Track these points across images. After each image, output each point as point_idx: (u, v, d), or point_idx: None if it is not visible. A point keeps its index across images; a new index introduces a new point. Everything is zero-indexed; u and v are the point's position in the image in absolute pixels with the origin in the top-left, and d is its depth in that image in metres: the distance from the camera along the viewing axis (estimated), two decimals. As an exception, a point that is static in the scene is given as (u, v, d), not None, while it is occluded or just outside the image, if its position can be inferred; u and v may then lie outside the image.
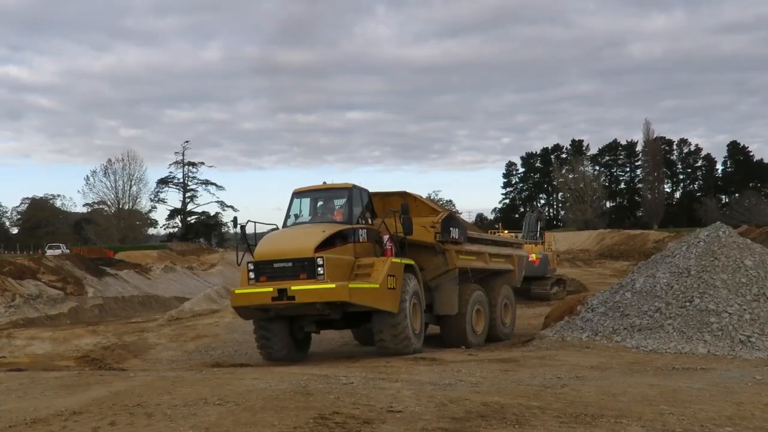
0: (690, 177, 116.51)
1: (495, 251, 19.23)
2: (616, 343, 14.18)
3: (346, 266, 14.28)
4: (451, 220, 16.85)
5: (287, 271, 13.89)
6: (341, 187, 15.79)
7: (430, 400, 8.05)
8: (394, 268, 14.50)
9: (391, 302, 14.22)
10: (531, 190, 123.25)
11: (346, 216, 15.11)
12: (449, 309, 16.78)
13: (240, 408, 7.46)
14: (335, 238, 14.29)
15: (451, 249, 16.60)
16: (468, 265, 17.30)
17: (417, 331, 15.01)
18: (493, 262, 18.89)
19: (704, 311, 14.07)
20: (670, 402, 8.28)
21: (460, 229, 17.14)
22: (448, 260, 16.61)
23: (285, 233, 15.28)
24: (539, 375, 10.52)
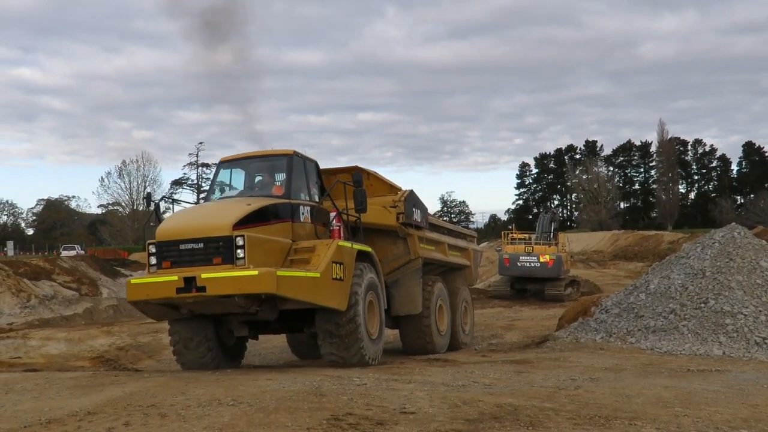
0: (705, 177, 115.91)
1: (452, 242, 16.92)
2: (630, 345, 14.13)
3: (278, 250, 11.32)
4: (414, 199, 14.34)
5: (197, 255, 10.67)
6: (278, 155, 12.76)
7: (444, 402, 8.04)
8: (342, 254, 11.57)
9: (336, 297, 11.29)
10: (544, 191, 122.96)
11: (285, 190, 12.22)
12: (412, 307, 14.33)
13: (253, 409, 7.47)
14: (265, 213, 11.44)
15: (414, 235, 14.21)
16: (429, 255, 15.05)
17: (374, 336, 12.34)
18: (451, 255, 16.63)
19: (719, 313, 14.00)
20: (685, 404, 8.24)
21: (422, 211, 14.80)
22: (410, 248, 14.19)
23: (199, 208, 12.73)
24: (553, 376, 10.49)
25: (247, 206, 11.23)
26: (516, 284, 35.85)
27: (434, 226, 15.76)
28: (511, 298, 35.38)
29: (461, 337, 16.59)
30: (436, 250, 15.54)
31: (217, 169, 13.22)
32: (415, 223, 14.17)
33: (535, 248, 35.25)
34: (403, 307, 14.22)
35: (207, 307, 11.22)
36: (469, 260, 17.83)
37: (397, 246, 14.15)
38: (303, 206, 12.28)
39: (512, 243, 36.81)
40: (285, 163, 12.50)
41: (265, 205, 11.55)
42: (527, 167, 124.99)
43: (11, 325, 25.18)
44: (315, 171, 13.25)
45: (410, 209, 13.89)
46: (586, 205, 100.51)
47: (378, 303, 12.72)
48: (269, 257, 10.96)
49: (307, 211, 12.31)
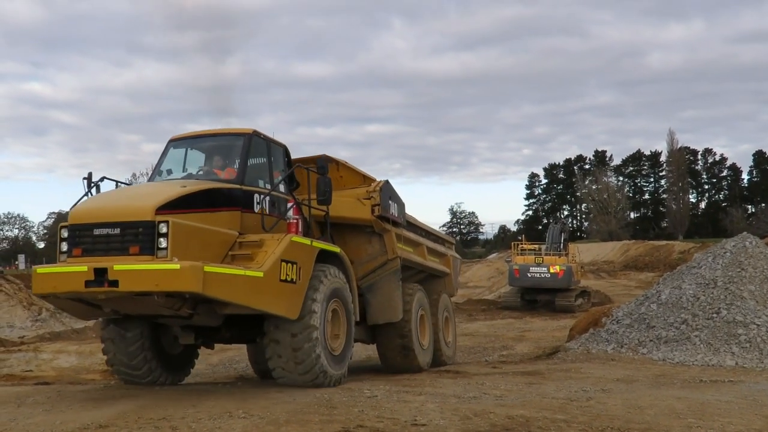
0: (715, 187, 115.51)
1: (431, 245, 15.24)
2: (642, 356, 14.07)
3: (218, 243, 9.51)
4: (390, 190, 12.66)
5: (113, 242, 8.87)
6: (235, 134, 10.94)
7: (455, 413, 8.02)
8: (296, 252, 9.71)
9: (284, 302, 9.42)
10: (554, 201, 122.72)
11: (237, 174, 10.41)
12: (391, 314, 12.59)
13: (264, 421, 7.47)
14: (204, 198, 9.70)
15: (391, 231, 12.52)
16: (408, 257, 13.37)
17: (337, 352, 10.43)
18: (430, 260, 14.94)
19: (732, 323, 13.94)
20: (698, 415, 8.19)
21: (400, 206, 13.07)
22: (387, 247, 12.48)
23: (126, 189, 10.76)
24: (564, 388, 10.45)
25: (181, 188, 9.47)
26: (526, 295, 35.79)
27: (412, 226, 14.14)
28: (522, 309, 35.31)
29: (444, 350, 14.89)
30: (415, 253, 13.95)
31: (166, 148, 11.25)
32: (393, 218, 12.55)
33: (545, 259, 35.22)
34: (381, 314, 12.52)
35: (129, 306, 9.43)
36: (449, 267, 16.20)
37: (373, 244, 12.49)
38: (260, 195, 10.40)
39: (522, 254, 36.78)
40: (240, 143, 10.68)
41: (205, 188, 9.80)
42: (536, 178, 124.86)
43: (23, 338, 25.25)
44: (282, 157, 11.42)
45: (386, 202, 12.28)
46: (596, 215, 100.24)
47: (345, 313, 10.81)
48: (204, 250, 9.11)
49: (264, 200, 10.40)
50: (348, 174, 12.97)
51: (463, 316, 34.79)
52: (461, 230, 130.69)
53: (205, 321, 9.97)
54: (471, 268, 69.83)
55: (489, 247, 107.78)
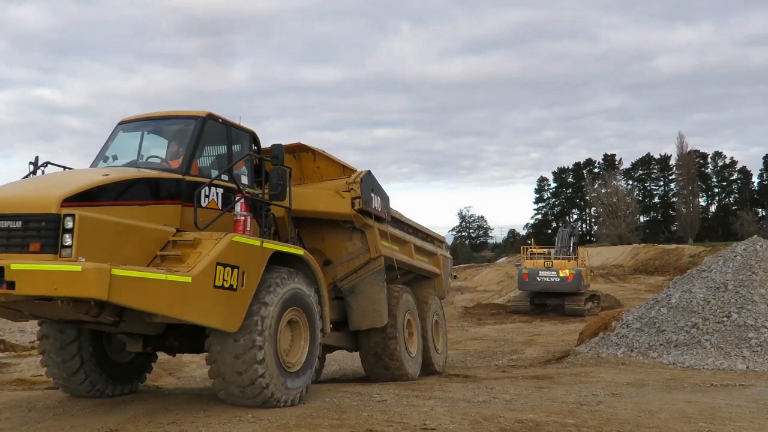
0: (725, 190, 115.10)
1: (419, 244, 14.09)
2: (652, 360, 14.02)
3: (144, 241, 8.10)
4: (372, 182, 11.44)
5: (13, 237, 7.58)
6: (187, 116, 9.64)
7: (464, 418, 8.00)
8: (238, 253, 8.29)
9: (219, 312, 8.03)
10: (563, 205, 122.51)
11: (182, 162, 9.03)
12: (375, 319, 11.56)
13: (274, 425, 7.47)
14: (130, 189, 8.33)
15: (374, 227, 11.40)
16: (393, 255, 12.23)
17: (293, 368, 8.99)
18: (418, 259, 13.87)
19: (742, 327, 13.88)
20: (708, 420, 8.16)
21: (384, 200, 11.87)
22: (370, 244, 11.37)
23: (37, 177, 9.17)
24: (574, 392, 10.42)
25: (102, 177, 8.18)
26: (536, 299, 35.77)
27: (398, 222, 12.97)
28: (531, 313, 35.28)
29: (434, 357, 13.81)
30: (401, 251, 12.85)
31: (113, 132, 9.97)
32: (376, 212, 11.40)
33: (554, 263, 35.17)
34: (363, 319, 11.51)
35: (42, 310, 8.26)
36: (439, 267, 15.11)
37: (354, 242, 11.41)
38: (211, 187, 9.09)
39: (531, 258, 36.74)
40: (191, 127, 9.39)
41: (132, 178, 8.43)
42: (545, 181, 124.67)
43: (33, 343, 25.33)
44: (248, 145, 10.00)
45: (368, 194, 11.10)
46: (606, 219, 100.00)
47: (308, 324, 9.34)
48: (125, 250, 7.83)
49: (217, 194, 9.14)
50: (325, 164, 11.72)
51: (472, 320, 34.77)
52: (470, 234, 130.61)
53: (136, 329, 8.78)
54: (480, 272, 69.74)
55: (498, 251, 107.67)
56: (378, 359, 12.07)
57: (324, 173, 11.73)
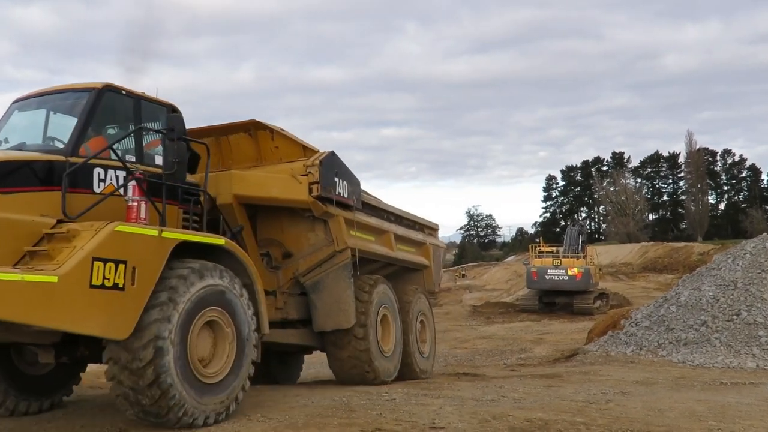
0: (734, 188, 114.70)
1: (402, 233, 12.69)
2: (661, 358, 13.98)
3: (13, 235, 7.00)
4: (336, 164, 10.23)
5: None
6: (82, 89, 8.33)
7: (473, 417, 8.00)
8: (124, 246, 7.02)
9: (100, 318, 6.77)
10: (572, 203, 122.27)
11: (69, 141, 7.81)
12: (341, 319, 10.44)
13: (283, 424, 7.48)
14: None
15: (338, 216, 10.18)
16: (366, 248, 11.01)
17: (212, 380, 7.61)
18: (400, 250, 12.51)
19: (752, 324, 13.83)
20: (718, 418, 8.13)
21: (352, 184, 10.61)
22: (333, 235, 10.22)
23: None
24: (583, 390, 10.40)
25: None
26: (544, 297, 35.74)
27: (373, 209, 11.74)
28: (540, 311, 35.27)
29: (416, 360, 12.50)
30: (377, 242, 11.62)
31: (7, 111, 8.89)
32: (339, 198, 10.12)
33: (563, 261, 35.14)
34: (327, 319, 10.41)
35: None
36: (428, 258, 13.67)
37: (316, 232, 10.25)
38: (107, 169, 7.88)
39: (540, 256, 36.72)
40: (84, 101, 8.15)
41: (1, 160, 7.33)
42: (554, 180, 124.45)
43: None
44: (162, 121, 8.52)
45: (330, 178, 9.87)
46: (614, 217, 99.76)
47: (233, 326, 7.92)
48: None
49: (116, 177, 7.93)
50: (285, 144, 10.49)
51: (481, 319, 34.77)
52: (479, 233, 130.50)
53: (21, 338, 7.57)
54: (489, 270, 69.66)
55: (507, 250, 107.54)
56: (345, 361, 10.87)
57: (283, 154, 10.45)
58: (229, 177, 9.70)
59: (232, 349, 7.95)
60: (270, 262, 10.29)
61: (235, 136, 10.58)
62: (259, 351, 8.44)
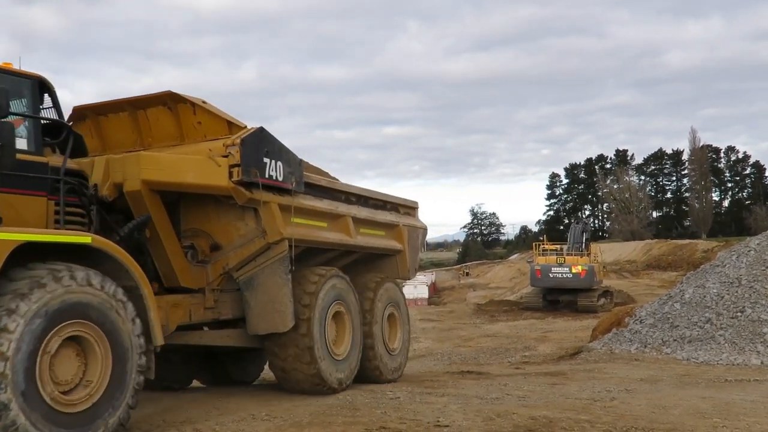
0: (738, 185, 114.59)
1: (366, 215, 11.13)
2: (666, 355, 13.97)
3: None
4: (266, 142, 8.76)
5: None
6: None
7: (477, 415, 8.00)
8: None
9: None
10: (575, 201, 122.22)
11: None
12: (276, 321, 8.97)
13: (287, 423, 7.49)
14: None
15: (271, 202, 8.76)
16: (312, 236, 9.66)
17: (73, 408, 6.28)
18: (362, 235, 10.98)
19: (756, 321, 13.81)
20: (723, 415, 8.12)
21: (289, 164, 9.07)
22: (266, 224, 8.79)
23: None
24: (588, 388, 10.40)
25: None
26: (548, 295, 35.74)
27: (325, 190, 10.26)
28: (544, 309, 35.26)
29: (382, 360, 11.05)
30: (331, 228, 10.19)
31: None
32: (270, 182, 8.70)
33: (567, 259, 35.15)
34: (261, 321, 9.02)
35: None
36: (401, 242, 12.05)
37: (246, 222, 8.91)
38: None
39: (544, 254, 36.72)
40: None
41: None
42: (557, 178, 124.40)
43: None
44: (31, 96, 7.35)
45: (256, 159, 8.47)
46: (618, 214, 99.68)
47: (106, 343, 6.61)
48: None
49: None
50: (208, 120, 9.06)
51: (485, 317, 34.77)
52: (482, 231, 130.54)
53: None
54: (492, 268, 69.69)
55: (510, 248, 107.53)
56: (285, 364, 9.48)
57: (207, 131, 9.03)
58: (136, 160, 8.10)
59: (105, 369, 6.60)
60: (195, 256, 8.90)
61: (153, 110, 9.16)
62: (152, 367, 7.24)
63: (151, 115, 9.17)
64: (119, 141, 9.19)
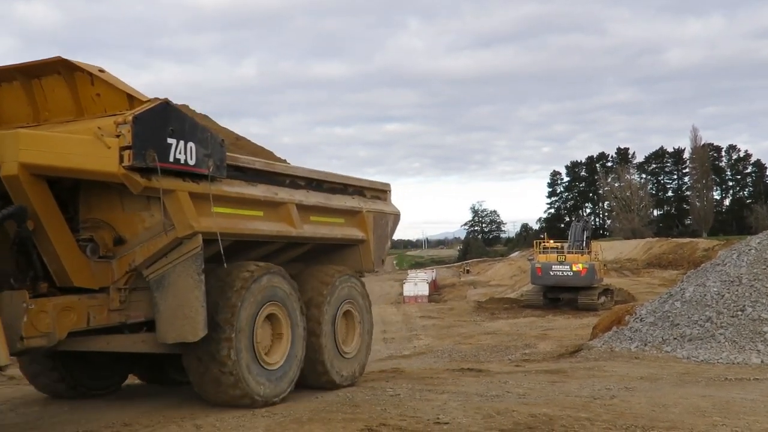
0: (739, 183, 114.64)
1: (317, 201, 9.55)
2: (666, 354, 13.96)
3: None
4: (171, 119, 7.28)
5: None
6: None
7: (477, 412, 8.00)
8: None
9: None
10: (576, 199, 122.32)
11: None
12: (184, 330, 7.48)
13: (288, 419, 7.49)
14: None
15: (178, 191, 7.36)
16: (238, 228, 8.20)
17: None
18: (312, 224, 9.46)
19: (757, 320, 13.81)
20: (723, 413, 8.12)
21: (205, 145, 7.61)
22: (173, 217, 7.39)
23: None
24: (588, 386, 10.40)
25: None
26: (549, 293, 35.76)
27: (261, 174, 8.71)
28: (544, 307, 35.29)
29: (333, 364, 9.64)
30: (268, 217, 8.66)
31: None
32: (176, 167, 7.26)
33: (567, 257, 35.16)
34: (169, 328, 7.55)
35: None
36: (365, 230, 10.58)
37: (152, 212, 7.54)
38: None
39: (544, 252, 36.72)
40: None
41: None
42: (558, 175, 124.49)
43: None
44: None
45: (156, 140, 7.08)
46: (619, 213, 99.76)
47: None
48: None
49: None
50: (108, 92, 7.74)
51: (485, 314, 34.78)
52: (483, 229, 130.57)
53: None
54: (493, 266, 69.73)
55: (511, 246, 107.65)
56: (205, 379, 8.03)
57: (107, 104, 7.72)
58: (13, 139, 6.78)
59: None
60: (96, 251, 7.56)
61: (48, 80, 7.89)
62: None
63: (47, 86, 7.88)
64: (13, 115, 8.01)
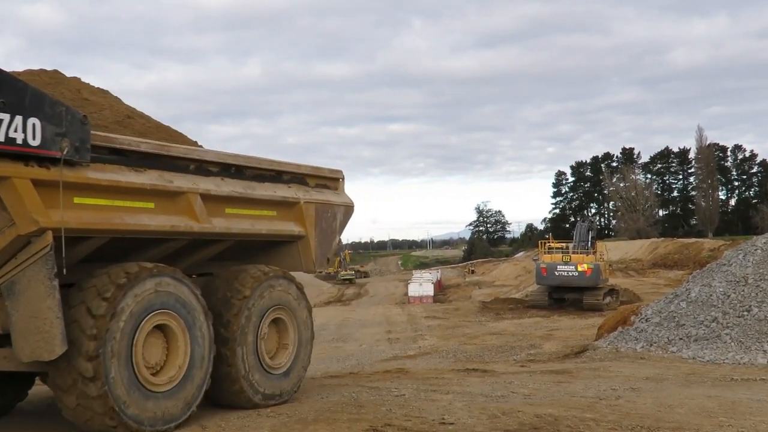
0: (745, 183, 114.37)
1: (231, 191, 8.01)
2: (671, 354, 13.93)
3: None
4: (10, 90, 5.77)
5: None
6: None
7: (483, 412, 7.99)
8: None
9: None
10: (581, 199, 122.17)
11: None
12: (38, 347, 6.08)
13: (292, 420, 7.49)
14: None
15: (14, 177, 5.87)
16: (111, 223, 6.68)
17: None
18: (228, 217, 8.01)
19: (763, 320, 13.77)
20: (729, 414, 8.10)
21: (56, 122, 6.10)
22: (11, 209, 5.94)
23: None
24: (593, 386, 10.38)
25: None
26: (554, 294, 35.71)
27: (148, 157, 7.14)
28: (549, 307, 35.23)
29: (256, 382, 8.17)
30: (161, 210, 7.21)
31: None
32: (9, 148, 5.80)
33: (572, 257, 35.10)
34: (24, 344, 6.18)
35: None
36: (303, 224, 9.08)
37: None
38: None
39: (549, 252, 36.65)
40: None
41: None
42: (563, 176, 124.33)
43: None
44: None
45: None
46: (624, 213, 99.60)
47: None
48: None
49: None
50: None
51: (490, 315, 34.73)
52: (488, 229, 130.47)
53: None
54: (498, 266, 69.66)
55: (516, 246, 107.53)
56: (73, 406, 6.53)
57: None
58: None
59: None
60: None
61: None
62: None
63: None
64: None
